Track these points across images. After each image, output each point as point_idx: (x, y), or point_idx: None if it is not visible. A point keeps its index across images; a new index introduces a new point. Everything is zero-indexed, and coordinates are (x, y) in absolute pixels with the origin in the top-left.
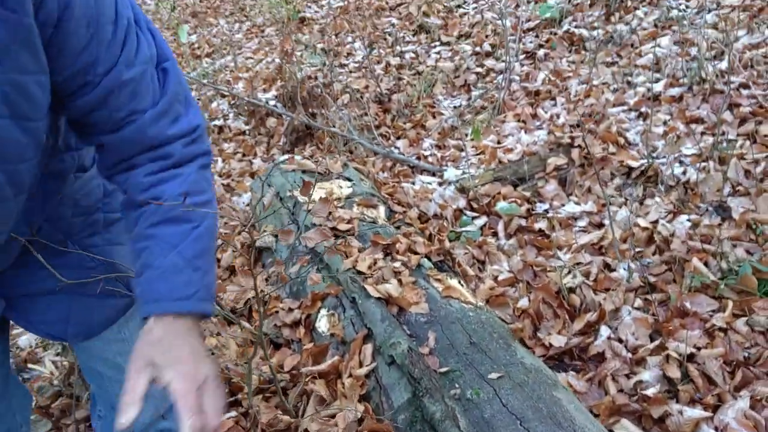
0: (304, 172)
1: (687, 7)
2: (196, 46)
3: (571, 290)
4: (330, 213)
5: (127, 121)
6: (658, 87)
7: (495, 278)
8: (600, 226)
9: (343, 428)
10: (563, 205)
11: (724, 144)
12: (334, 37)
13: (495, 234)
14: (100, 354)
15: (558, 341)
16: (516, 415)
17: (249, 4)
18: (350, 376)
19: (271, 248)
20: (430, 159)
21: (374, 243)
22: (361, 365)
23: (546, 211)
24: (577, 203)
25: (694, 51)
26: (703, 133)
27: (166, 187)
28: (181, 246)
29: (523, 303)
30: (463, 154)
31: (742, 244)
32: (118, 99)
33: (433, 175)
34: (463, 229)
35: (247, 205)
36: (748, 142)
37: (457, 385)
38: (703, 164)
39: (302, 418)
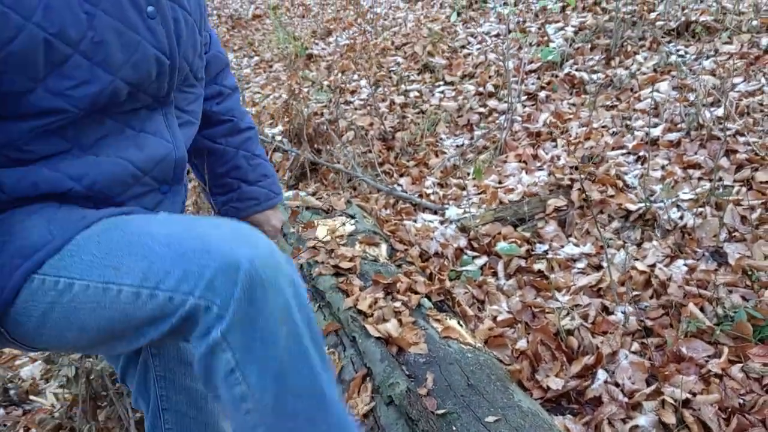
0: (307, 208)
1: (686, 53)
2: None
3: (569, 332)
4: (332, 251)
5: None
6: (656, 132)
7: (494, 318)
8: (598, 268)
9: None
10: (562, 247)
11: (721, 190)
12: (340, 74)
13: (495, 274)
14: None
15: (555, 384)
16: None
17: (258, 39)
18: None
19: None
20: (432, 197)
21: (375, 282)
22: (359, 404)
23: (545, 252)
24: (576, 245)
25: (692, 97)
26: (700, 179)
27: (243, 112)
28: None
29: (522, 344)
30: (465, 193)
31: (738, 290)
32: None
33: (435, 213)
34: (464, 268)
35: None
36: (744, 189)
37: (454, 428)
38: (700, 209)
39: None
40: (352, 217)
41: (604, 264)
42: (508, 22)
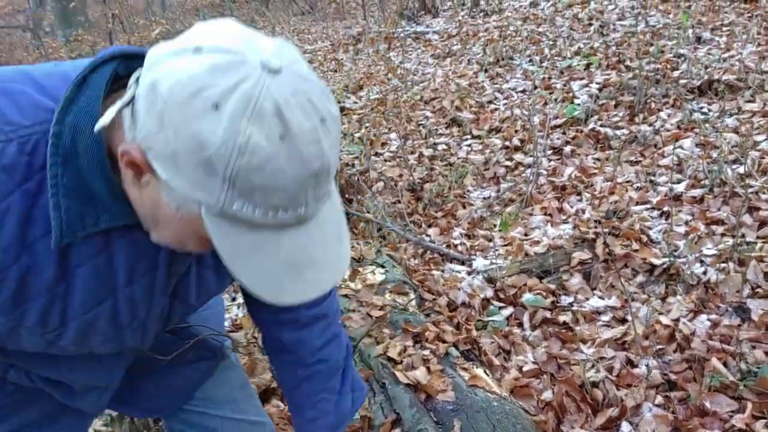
0: None
1: (709, 110)
2: None
3: (594, 384)
4: (363, 300)
5: None
6: (680, 187)
7: (520, 369)
8: (623, 321)
9: None
10: (587, 299)
11: (744, 246)
12: (371, 127)
13: (520, 325)
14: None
15: None
16: None
17: None
18: None
19: None
20: (459, 248)
21: (405, 330)
22: None
23: (570, 304)
24: (601, 298)
25: (715, 154)
26: (723, 235)
27: (332, 351)
28: (332, 415)
29: (548, 395)
30: (492, 244)
31: (762, 346)
32: None
33: (462, 263)
34: (490, 318)
35: None
36: (767, 245)
37: None
38: (723, 265)
39: None
40: (382, 266)
41: (629, 317)
42: (534, 78)
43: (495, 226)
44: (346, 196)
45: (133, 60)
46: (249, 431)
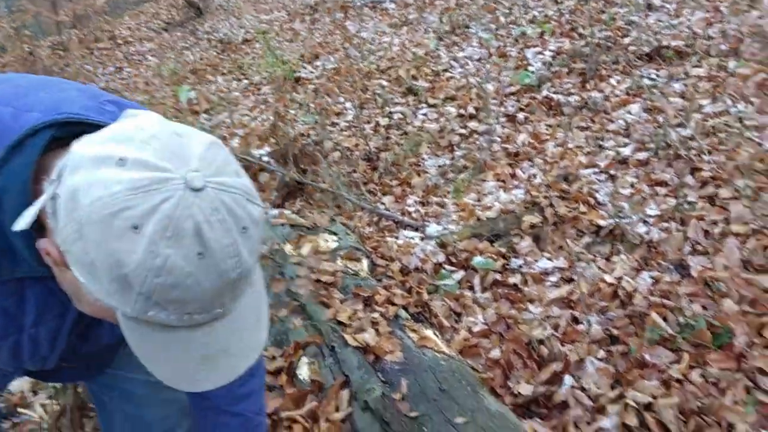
0: (292, 225)
1: (657, 76)
2: (195, 102)
3: (541, 342)
4: (314, 266)
5: None
6: (626, 151)
7: (470, 330)
8: (570, 281)
9: None
10: (536, 261)
11: (686, 206)
12: (327, 97)
13: (471, 287)
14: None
15: (526, 390)
16: None
17: (247, 63)
18: (327, 420)
19: None
20: (413, 215)
21: (355, 295)
22: (337, 410)
23: (520, 266)
24: (549, 259)
25: (661, 119)
26: (666, 196)
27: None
28: None
29: (495, 353)
30: (445, 211)
31: (699, 300)
32: None
33: (416, 230)
34: (442, 282)
35: None
36: (708, 205)
37: (425, 429)
38: (666, 225)
39: None
40: (335, 234)
41: (575, 277)
42: (489, 47)
43: (449, 193)
44: (301, 166)
45: (73, 126)
46: (165, 392)
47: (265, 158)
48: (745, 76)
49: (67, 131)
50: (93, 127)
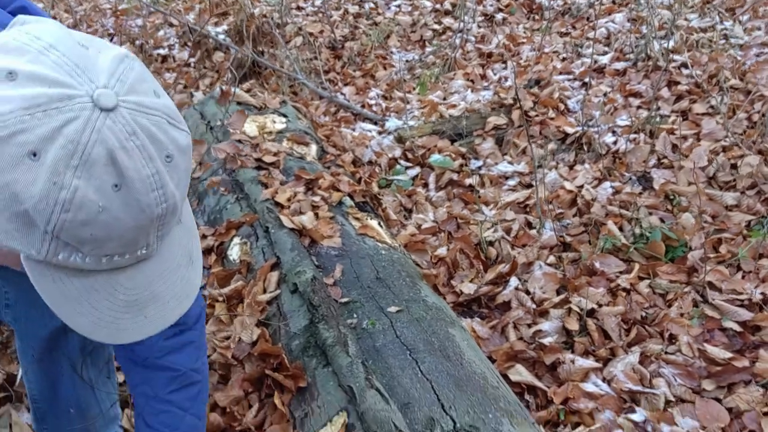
0: (239, 103)
1: None
2: None
3: (490, 243)
4: (257, 145)
5: None
6: (604, 59)
7: (419, 226)
8: (529, 186)
9: (235, 349)
10: (497, 164)
11: (658, 118)
12: None
13: (426, 185)
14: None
15: (468, 289)
16: (407, 345)
17: None
18: (254, 301)
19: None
20: (375, 108)
21: (297, 177)
22: (264, 291)
23: (479, 167)
24: (510, 163)
25: (645, 29)
26: (639, 107)
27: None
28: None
29: (442, 251)
30: (408, 107)
31: (658, 213)
32: None
33: (375, 123)
34: (396, 177)
35: None
36: (680, 119)
37: (355, 315)
38: (634, 135)
39: None
40: (285, 116)
41: (535, 183)
42: None
43: (414, 89)
44: (258, 47)
45: None
46: None
47: (221, 36)
48: None
49: None
50: None
